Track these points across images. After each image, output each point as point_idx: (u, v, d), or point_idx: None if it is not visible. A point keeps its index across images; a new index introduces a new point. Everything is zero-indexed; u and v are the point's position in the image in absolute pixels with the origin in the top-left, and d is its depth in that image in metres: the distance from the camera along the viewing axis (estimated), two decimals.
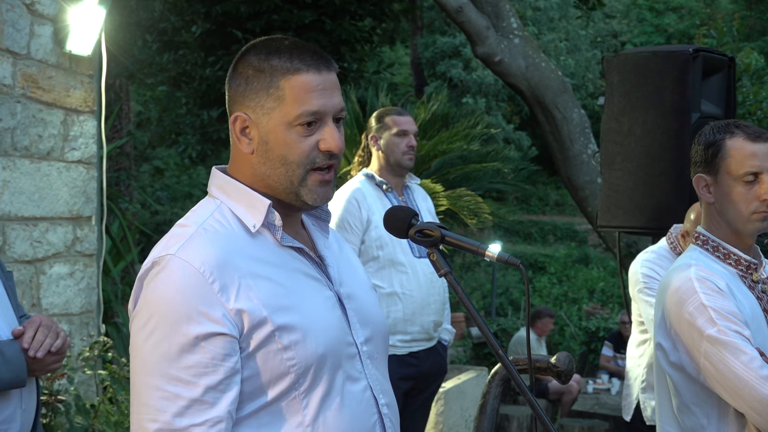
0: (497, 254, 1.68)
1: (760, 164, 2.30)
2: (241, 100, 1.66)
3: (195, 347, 1.51)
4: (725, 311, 2.24)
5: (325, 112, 1.64)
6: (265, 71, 1.63)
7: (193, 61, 11.22)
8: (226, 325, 1.53)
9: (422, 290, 3.88)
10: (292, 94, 1.62)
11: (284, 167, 1.64)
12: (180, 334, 1.52)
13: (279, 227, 1.66)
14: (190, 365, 1.51)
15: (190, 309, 1.52)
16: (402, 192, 4.02)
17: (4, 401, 2.34)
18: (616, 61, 4.00)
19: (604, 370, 9.11)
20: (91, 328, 4.80)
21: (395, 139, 3.92)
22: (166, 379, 1.51)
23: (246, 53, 1.69)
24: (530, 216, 22.77)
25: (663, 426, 2.45)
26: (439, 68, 22.82)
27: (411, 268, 3.86)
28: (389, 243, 3.83)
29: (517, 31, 6.58)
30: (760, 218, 2.32)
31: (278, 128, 1.63)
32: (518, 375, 1.66)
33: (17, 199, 4.33)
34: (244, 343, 1.56)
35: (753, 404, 2.16)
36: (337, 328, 1.66)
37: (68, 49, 4.59)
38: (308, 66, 1.63)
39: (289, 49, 1.65)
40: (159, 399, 1.50)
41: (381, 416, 1.71)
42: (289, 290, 1.63)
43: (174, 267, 1.55)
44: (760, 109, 6.73)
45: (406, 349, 3.87)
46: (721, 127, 2.37)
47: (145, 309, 1.56)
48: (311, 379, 1.60)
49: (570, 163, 6.35)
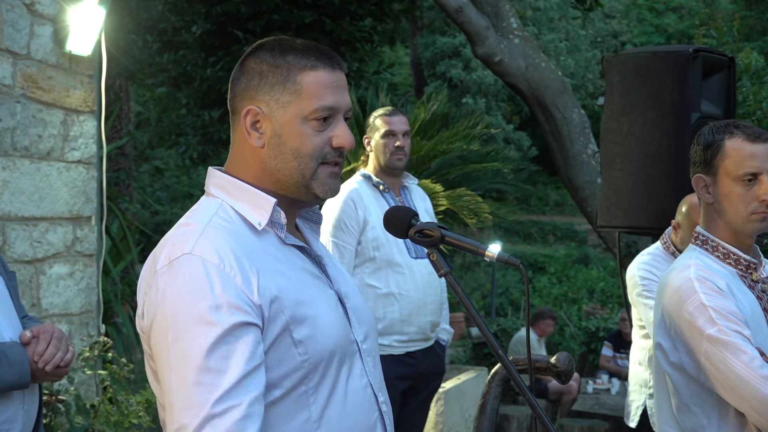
0: (497, 254, 1.68)
1: (759, 165, 2.30)
2: (253, 95, 1.67)
3: (228, 337, 1.51)
4: (725, 311, 2.24)
5: (338, 109, 1.68)
6: (281, 66, 1.66)
7: (194, 61, 11.21)
8: (252, 314, 1.54)
9: (419, 291, 3.87)
10: (309, 89, 1.65)
11: (297, 160, 1.66)
12: (211, 327, 1.51)
13: (284, 226, 1.68)
14: (225, 355, 1.50)
15: (220, 301, 1.52)
16: (399, 192, 4.01)
17: (6, 402, 2.34)
18: (616, 61, 4.00)
19: (603, 370, 9.11)
20: (90, 328, 4.80)
21: (383, 140, 3.92)
22: (204, 372, 1.49)
23: (257, 50, 1.70)
24: (530, 216, 22.77)
25: (662, 426, 2.45)
26: (439, 68, 22.83)
27: (408, 268, 3.85)
28: (386, 244, 3.82)
29: (517, 31, 6.58)
30: (759, 219, 2.32)
31: (293, 121, 1.65)
32: (518, 375, 1.66)
33: (17, 199, 4.33)
34: (263, 335, 1.56)
35: (753, 404, 2.17)
36: (341, 326, 1.68)
37: (68, 49, 4.59)
38: (324, 63, 1.67)
39: (303, 47, 1.69)
40: (199, 393, 1.49)
41: (381, 413, 1.72)
42: (299, 286, 1.64)
43: (193, 264, 1.55)
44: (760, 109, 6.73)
45: (402, 349, 3.86)
46: (720, 127, 2.37)
47: (168, 310, 1.54)
48: (320, 374, 1.61)
49: (570, 163, 6.35)
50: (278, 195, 1.69)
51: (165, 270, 1.57)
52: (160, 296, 1.56)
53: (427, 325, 3.92)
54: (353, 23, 10.93)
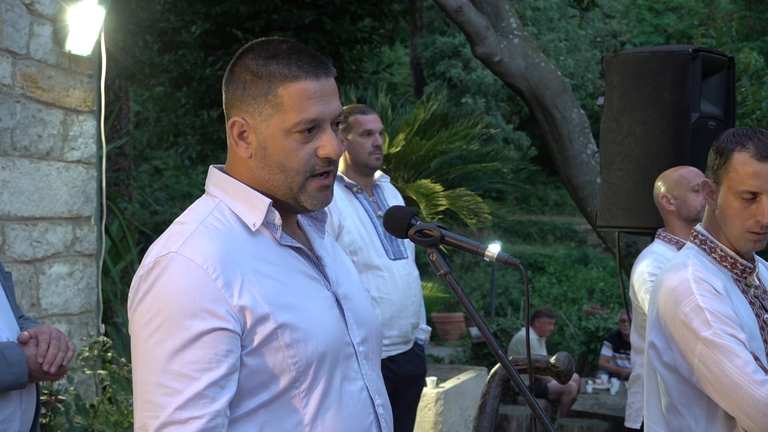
0: (497, 254, 1.68)
1: (760, 185, 2.25)
2: (238, 105, 1.66)
3: (198, 342, 1.52)
4: (721, 314, 2.22)
5: (324, 119, 1.64)
6: (263, 77, 1.63)
7: (193, 61, 11.20)
8: (230, 321, 1.54)
9: (400, 293, 3.76)
10: (291, 101, 1.62)
11: (283, 174, 1.64)
12: (183, 331, 1.52)
13: (279, 226, 1.67)
14: (194, 360, 1.51)
15: (194, 305, 1.53)
16: (372, 192, 3.89)
17: (3, 401, 2.34)
18: (616, 61, 4.00)
19: (603, 370, 9.11)
20: (90, 328, 4.80)
21: (360, 139, 3.77)
22: (170, 375, 1.51)
23: (243, 56, 1.67)
24: (530, 216, 22.77)
25: (650, 425, 2.44)
26: (439, 68, 22.80)
27: (387, 271, 3.74)
28: (363, 247, 3.70)
29: (516, 31, 6.58)
30: (753, 239, 2.29)
31: (276, 135, 1.63)
32: (518, 375, 1.66)
33: (17, 199, 4.33)
34: (248, 339, 1.56)
35: (746, 408, 2.14)
36: (335, 328, 1.67)
37: (68, 49, 4.59)
38: (306, 73, 1.62)
39: (287, 53, 1.64)
40: (162, 395, 1.51)
41: (377, 416, 1.71)
42: (289, 289, 1.63)
43: (177, 264, 1.55)
44: (759, 108, 6.73)
45: (384, 353, 3.75)
46: (736, 136, 2.31)
47: (148, 307, 1.56)
48: (311, 377, 1.60)
49: (569, 163, 6.35)
50: (273, 197, 1.67)
51: (151, 267, 1.58)
52: (142, 293, 1.58)
53: (408, 327, 3.83)
54: (353, 23, 10.92)
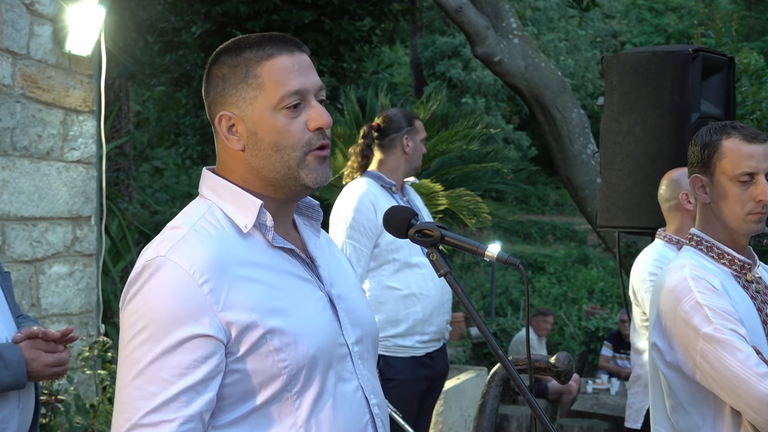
0: (497, 254, 1.68)
1: (756, 165, 2.30)
2: (221, 100, 1.67)
3: (180, 348, 1.52)
4: (721, 309, 2.24)
5: (307, 90, 1.65)
6: (239, 65, 1.65)
7: (193, 61, 11.21)
8: (212, 327, 1.54)
9: (438, 290, 3.88)
10: (271, 78, 1.63)
11: (278, 154, 1.64)
12: (166, 336, 1.53)
13: (270, 228, 1.66)
14: (173, 365, 1.52)
15: (179, 311, 1.53)
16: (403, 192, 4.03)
17: (2, 402, 2.35)
18: (616, 61, 4.00)
19: (603, 370, 9.12)
20: (90, 327, 4.80)
21: (421, 144, 3.99)
22: (147, 378, 1.52)
23: (217, 56, 1.70)
24: (530, 216, 22.77)
25: (656, 428, 2.45)
26: (439, 68, 22.80)
27: (426, 268, 3.85)
28: (404, 245, 3.81)
29: (516, 31, 6.58)
30: (755, 219, 2.33)
31: (264, 116, 1.64)
32: (518, 375, 1.66)
33: (17, 199, 4.33)
34: (235, 346, 1.56)
35: (750, 402, 2.16)
36: (328, 330, 1.67)
37: (68, 49, 4.59)
38: (280, 49, 1.65)
39: (257, 39, 1.67)
40: (137, 398, 1.52)
41: (372, 416, 1.71)
42: (280, 292, 1.63)
43: (165, 269, 1.56)
44: (759, 109, 6.72)
45: (423, 350, 3.86)
46: (717, 128, 2.38)
47: (134, 310, 1.56)
48: (303, 380, 1.60)
49: (569, 163, 6.35)
50: (267, 196, 1.67)
51: (140, 271, 1.59)
52: (130, 296, 1.58)
53: (444, 324, 3.95)
54: (352, 23, 10.93)
